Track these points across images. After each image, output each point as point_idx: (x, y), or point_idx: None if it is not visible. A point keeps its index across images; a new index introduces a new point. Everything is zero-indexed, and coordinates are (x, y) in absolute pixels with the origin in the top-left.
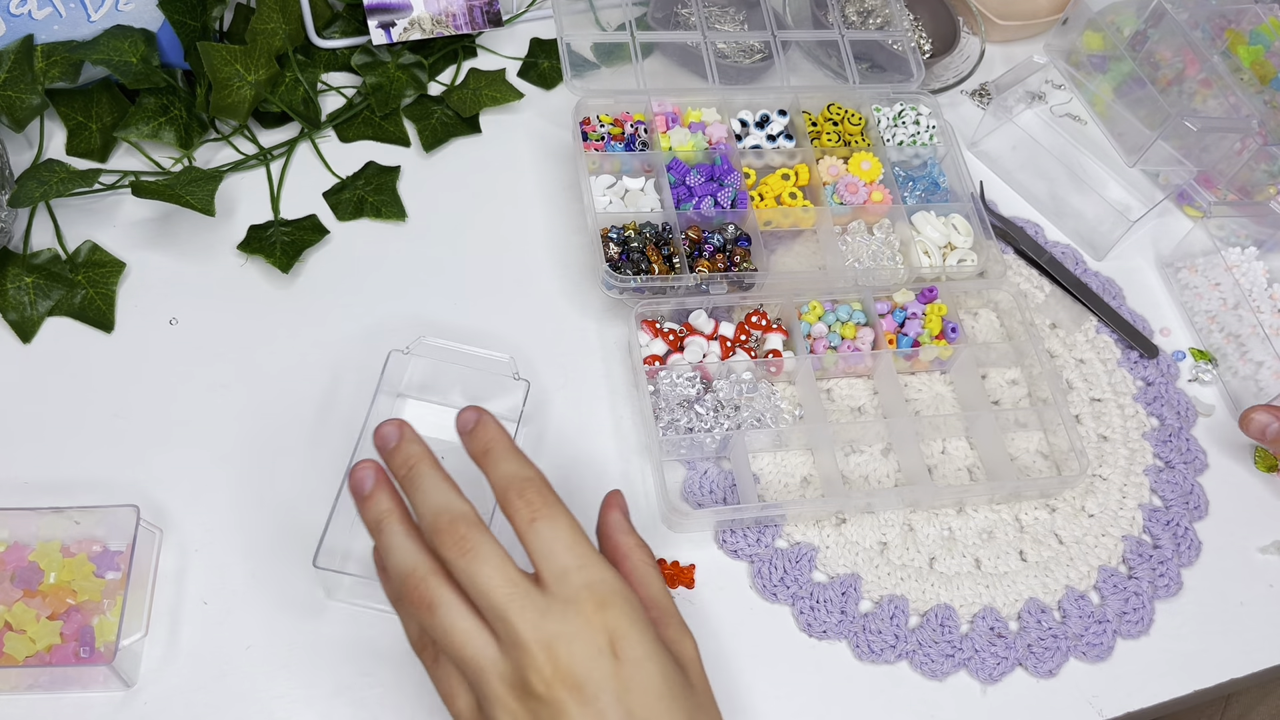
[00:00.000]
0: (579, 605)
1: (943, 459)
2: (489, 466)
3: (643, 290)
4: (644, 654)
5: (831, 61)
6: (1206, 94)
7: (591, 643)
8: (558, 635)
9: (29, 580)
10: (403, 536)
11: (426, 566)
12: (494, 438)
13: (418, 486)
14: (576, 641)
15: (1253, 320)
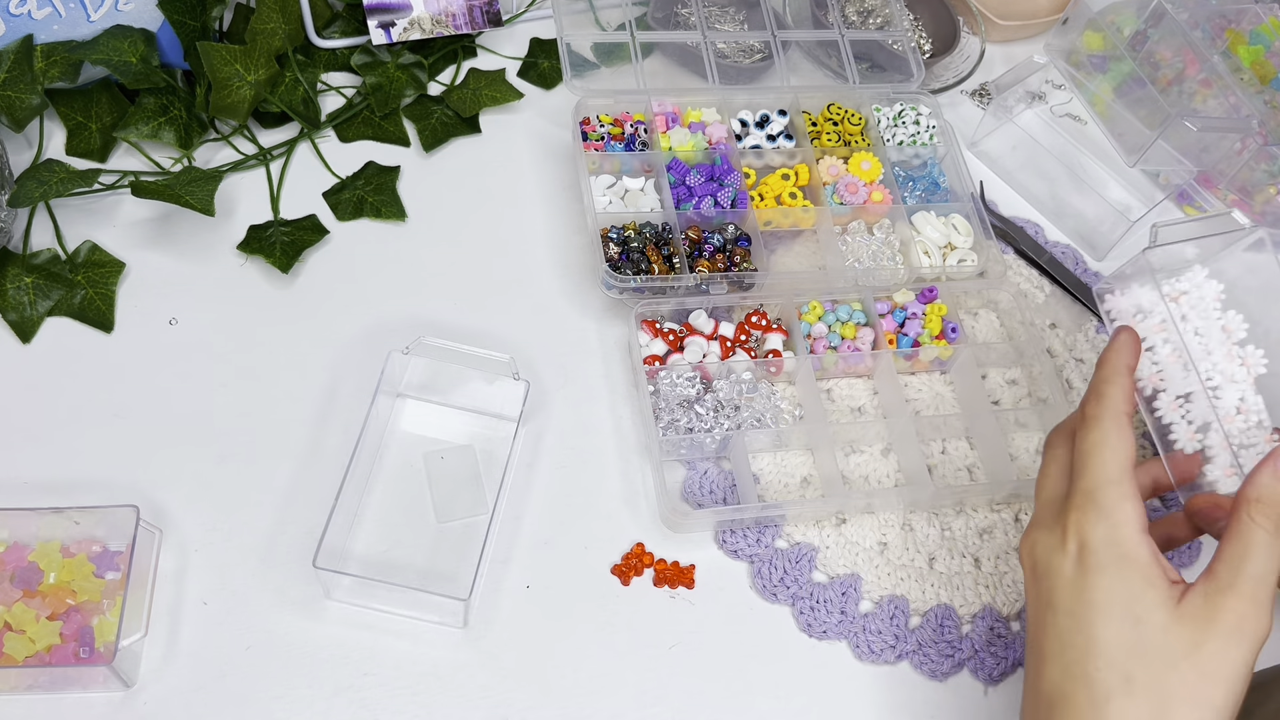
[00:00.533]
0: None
1: (943, 459)
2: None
3: (643, 290)
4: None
5: (831, 61)
6: (1206, 94)
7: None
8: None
9: (29, 580)
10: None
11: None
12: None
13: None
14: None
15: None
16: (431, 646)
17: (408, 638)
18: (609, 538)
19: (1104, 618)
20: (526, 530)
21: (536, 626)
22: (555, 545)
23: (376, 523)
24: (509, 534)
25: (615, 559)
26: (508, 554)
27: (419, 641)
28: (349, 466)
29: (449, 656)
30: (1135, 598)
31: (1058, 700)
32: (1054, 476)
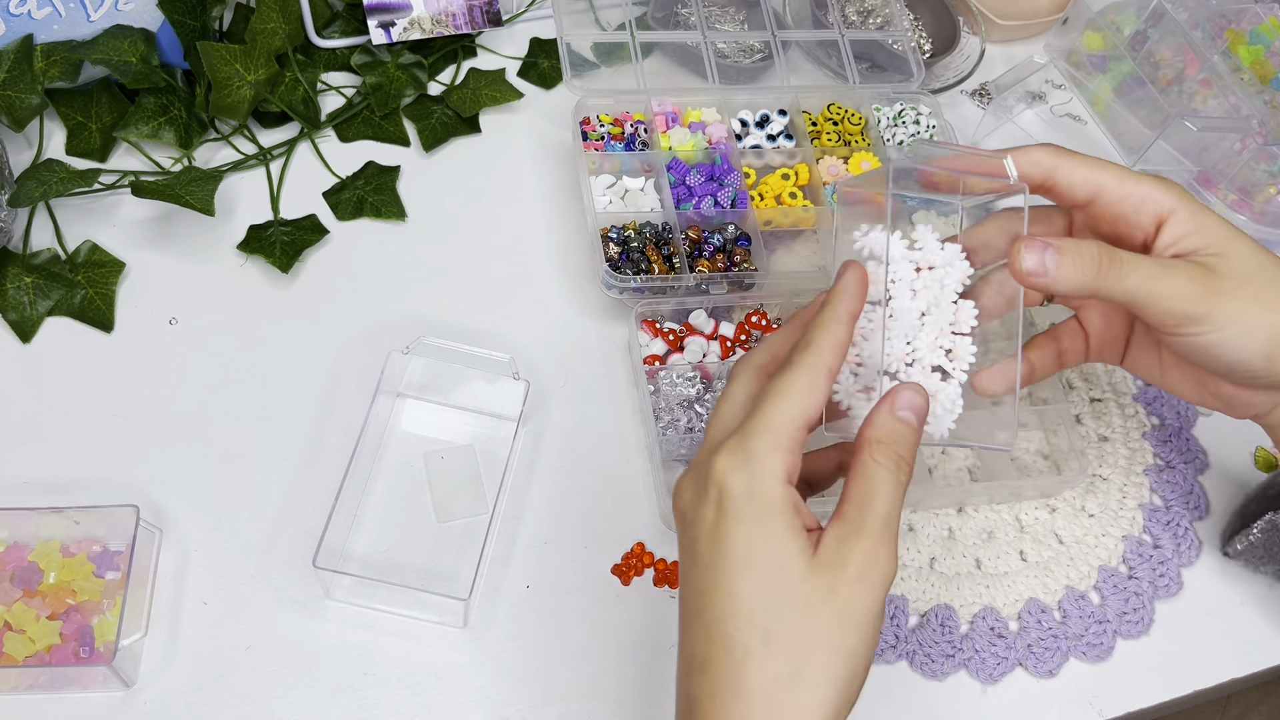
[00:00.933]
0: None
1: (943, 459)
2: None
3: (643, 290)
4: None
5: (831, 61)
6: (1206, 94)
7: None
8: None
9: (29, 580)
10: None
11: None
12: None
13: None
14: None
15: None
16: (431, 646)
17: (408, 638)
18: (609, 538)
19: (743, 571)
20: (526, 530)
21: (536, 626)
22: (555, 545)
23: (376, 523)
24: (509, 534)
25: (615, 559)
26: (508, 554)
27: (419, 641)
28: (349, 466)
29: (449, 656)
30: (774, 548)
31: (698, 667)
32: (726, 414)
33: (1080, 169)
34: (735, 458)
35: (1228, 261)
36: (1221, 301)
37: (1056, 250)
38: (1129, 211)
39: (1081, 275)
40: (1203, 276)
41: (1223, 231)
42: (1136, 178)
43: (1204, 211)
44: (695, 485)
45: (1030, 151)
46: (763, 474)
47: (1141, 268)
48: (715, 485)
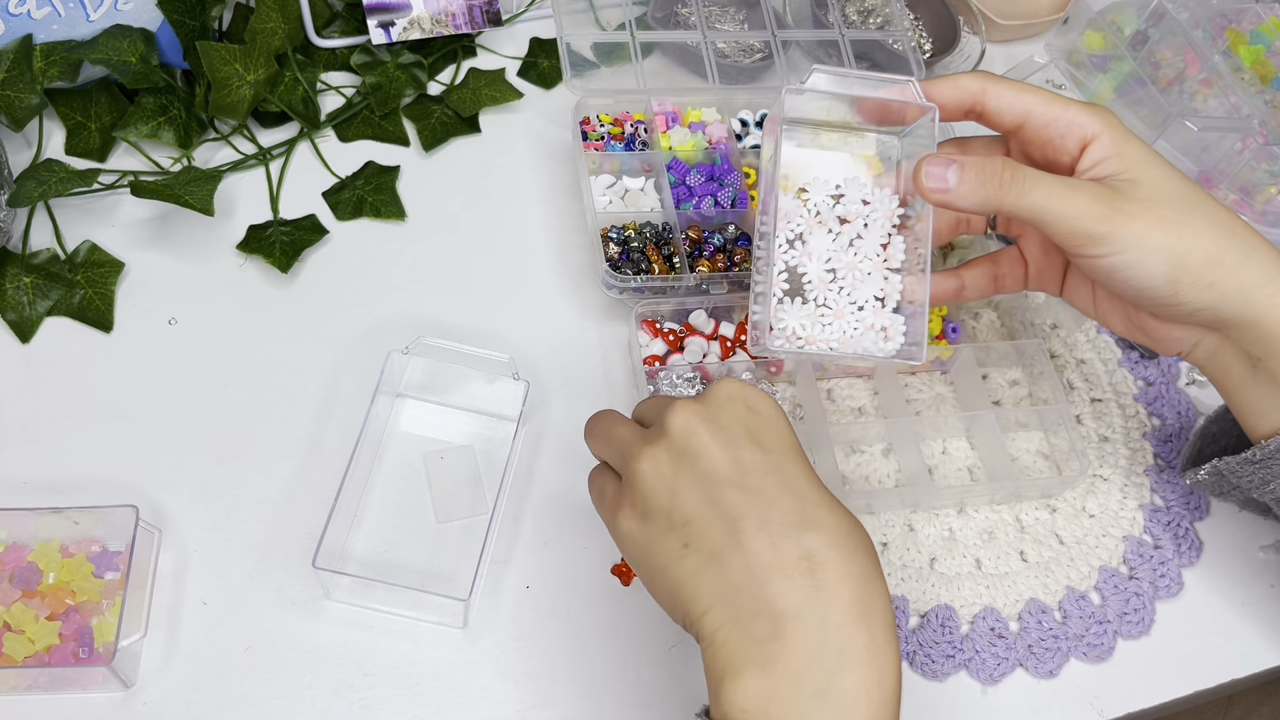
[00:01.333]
0: (713, 387)
1: (943, 459)
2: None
3: (643, 290)
4: (775, 413)
5: (832, 61)
6: (1207, 94)
7: (725, 398)
8: (691, 400)
9: (28, 580)
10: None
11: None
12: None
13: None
14: (710, 397)
15: None
16: (431, 646)
17: (408, 638)
18: (609, 538)
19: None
20: (526, 530)
21: (536, 626)
22: (555, 545)
23: (376, 523)
24: (509, 534)
25: (615, 559)
26: (508, 554)
27: (419, 641)
28: (349, 466)
29: (449, 656)
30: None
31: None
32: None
33: (1008, 93)
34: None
35: (1138, 185)
36: (1124, 222)
37: (960, 166)
38: (1055, 136)
39: (984, 190)
40: (1108, 197)
41: (1141, 156)
42: (1064, 102)
43: (1128, 138)
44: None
45: (958, 78)
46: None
47: (1044, 184)
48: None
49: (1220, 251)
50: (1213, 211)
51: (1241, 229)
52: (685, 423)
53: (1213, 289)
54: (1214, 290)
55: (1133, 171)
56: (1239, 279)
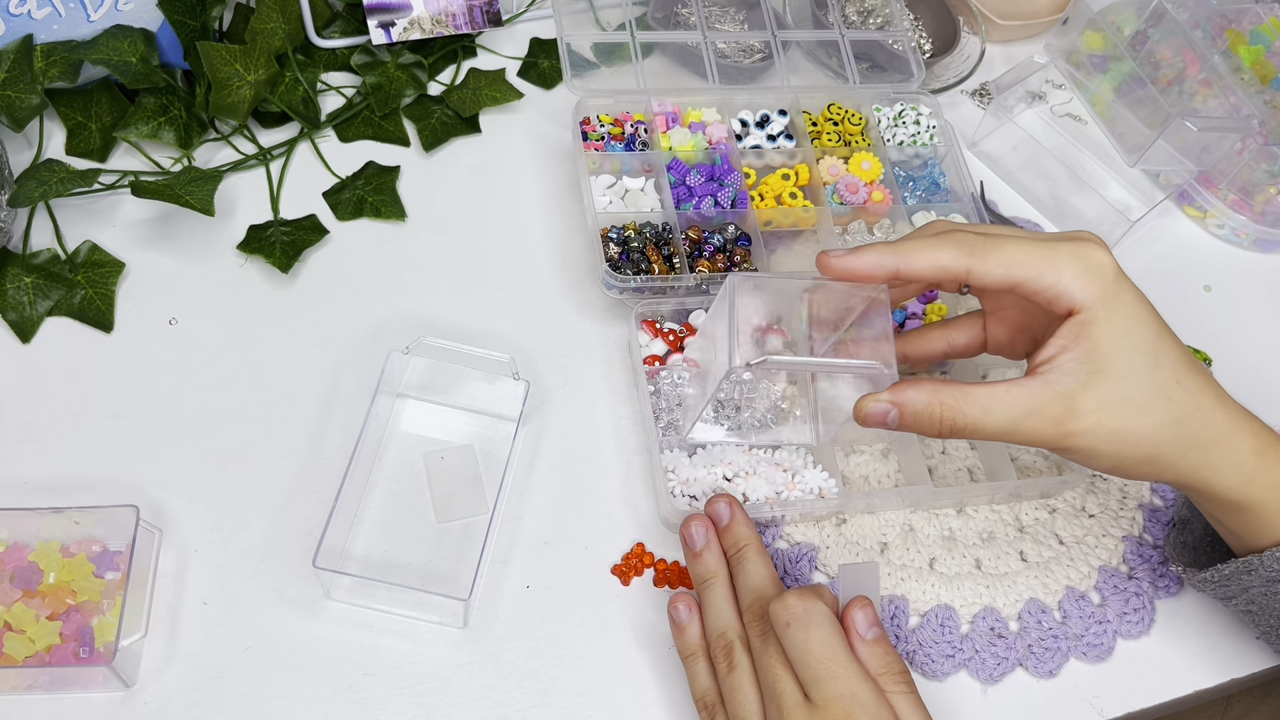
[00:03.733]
0: (827, 713)
1: (943, 459)
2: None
3: (643, 290)
4: None
5: (831, 61)
6: (1207, 94)
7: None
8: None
9: (28, 580)
10: (725, 599)
11: (738, 631)
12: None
13: (742, 567)
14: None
15: None
16: (431, 646)
17: (408, 638)
18: (609, 538)
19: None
20: (526, 530)
21: (536, 626)
22: (555, 545)
23: (376, 523)
24: (509, 534)
25: (615, 559)
26: (508, 554)
27: (419, 641)
28: (349, 466)
29: (449, 656)
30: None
31: None
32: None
33: (996, 269)
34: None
35: (1095, 383)
36: (1071, 436)
37: (898, 411)
38: (1044, 302)
39: (927, 428)
40: (1056, 416)
41: (1114, 344)
42: (1056, 268)
43: (1112, 314)
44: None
45: (938, 253)
46: None
47: (990, 418)
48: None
49: (1160, 450)
50: (1163, 406)
51: (1192, 419)
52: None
53: (1153, 470)
54: (1154, 470)
55: (1099, 362)
56: (1175, 470)
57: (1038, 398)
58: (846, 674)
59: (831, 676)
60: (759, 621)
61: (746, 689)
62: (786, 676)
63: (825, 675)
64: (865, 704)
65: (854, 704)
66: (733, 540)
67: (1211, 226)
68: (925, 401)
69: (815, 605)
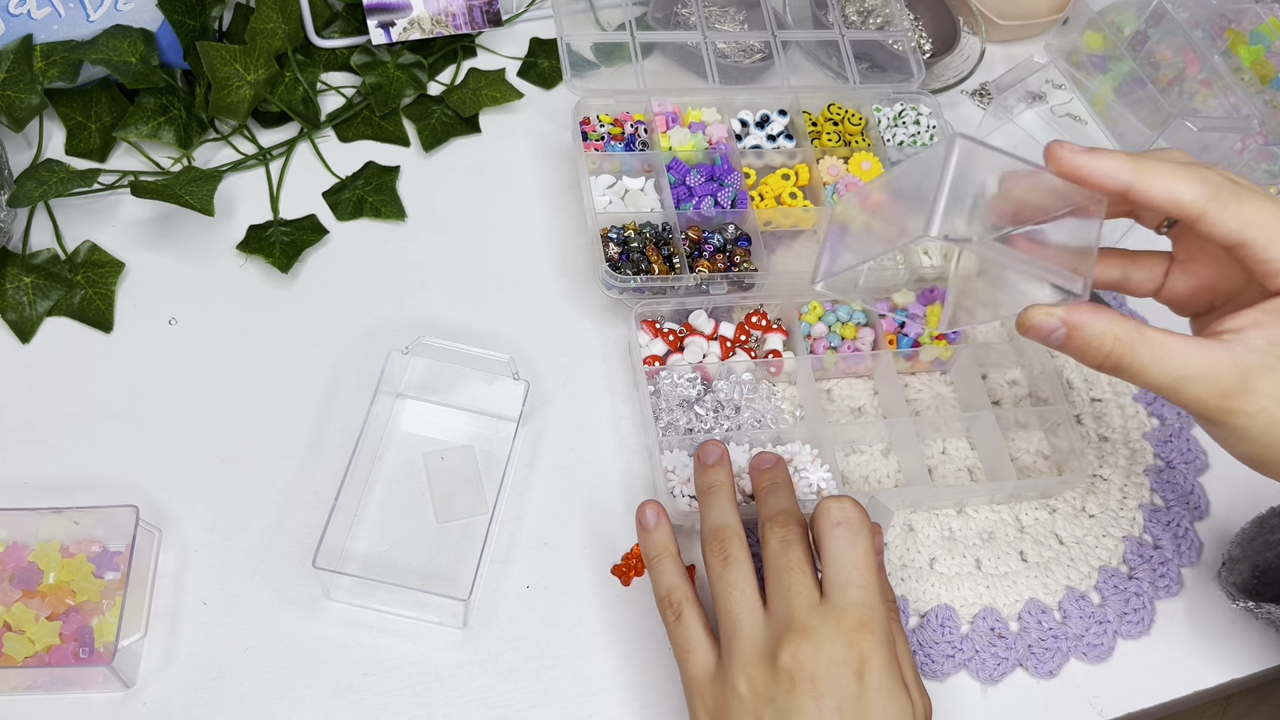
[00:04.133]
0: (844, 616)
1: (943, 459)
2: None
3: (643, 290)
4: (882, 686)
5: (831, 61)
6: (1207, 94)
7: (844, 653)
8: (819, 632)
9: (28, 580)
10: (727, 502)
11: (737, 530)
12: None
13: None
14: (831, 644)
15: None
16: (431, 646)
17: (408, 638)
18: (609, 538)
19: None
20: (526, 530)
21: (536, 626)
22: (555, 545)
23: (376, 523)
24: (509, 534)
25: (615, 559)
26: (508, 554)
27: (419, 641)
28: (349, 466)
29: (449, 656)
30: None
31: None
32: (810, 580)
33: (1231, 222)
34: (877, 631)
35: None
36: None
37: (1069, 329)
38: (1261, 275)
39: (1087, 358)
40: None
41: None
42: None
43: None
44: (833, 651)
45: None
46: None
47: (1161, 367)
48: (858, 654)
49: None
50: None
51: None
52: (792, 665)
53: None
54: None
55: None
56: None
57: (1215, 364)
58: (874, 589)
59: (862, 585)
60: (782, 529)
61: (743, 585)
62: (805, 578)
63: (857, 582)
64: (881, 620)
65: (873, 616)
66: (764, 479)
67: None
68: (1099, 331)
69: (867, 519)
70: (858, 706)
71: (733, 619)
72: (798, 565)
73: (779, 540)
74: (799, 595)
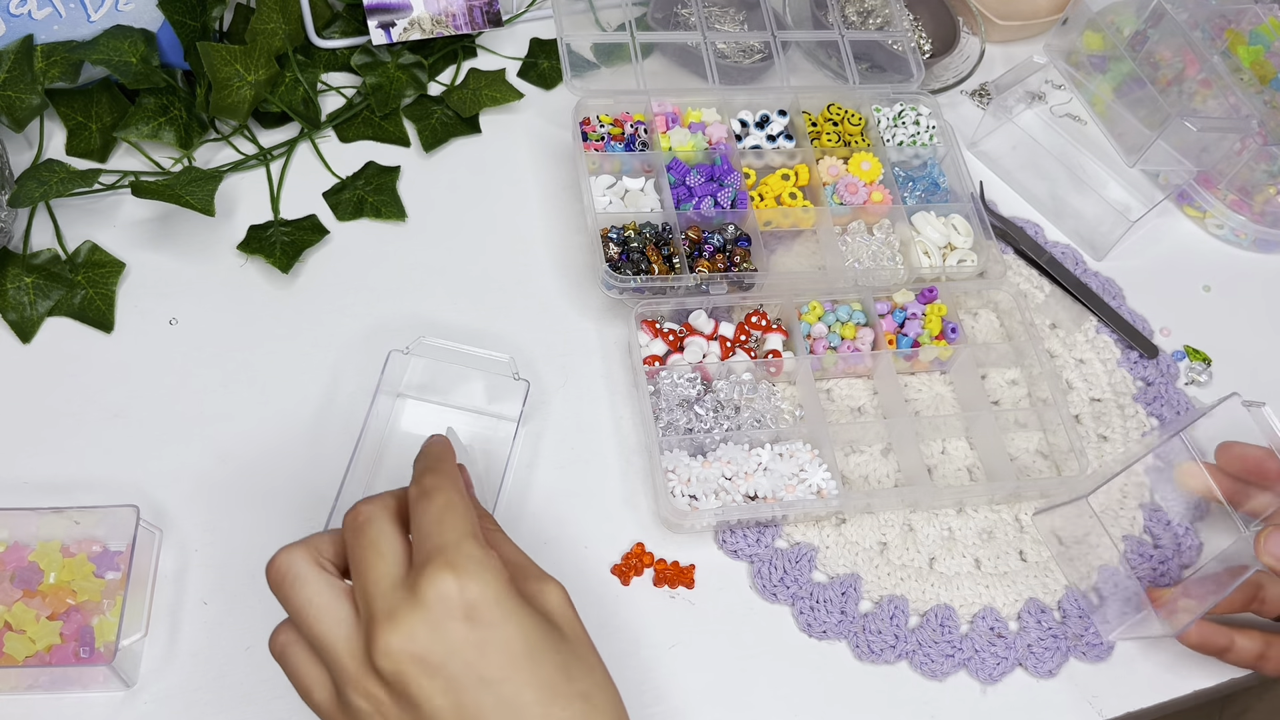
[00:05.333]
0: (427, 570)
1: (943, 459)
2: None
3: (643, 290)
4: (500, 616)
5: (831, 62)
6: (1206, 94)
7: (438, 609)
8: (404, 604)
9: (29, 580)
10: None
11: (302, 549)
12: (425, 449)
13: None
14: (422, 611)
15: None
16: None
17: None
18: (609, 538)
19: (527, 665)
20: (526, 530)
21: None
22: (555, 545)
23: None
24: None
25: (615, 559)
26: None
27: None
28: (349, 467)
29: None
30: (538, 634)
31: None
32: (389, 559)
33: None
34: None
35: None
36: None
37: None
38: None
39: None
40: None
41: None
42: None
43: None
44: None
45: None
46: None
47: None
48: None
49: None
50: None
51: None
52: (391, 663)
53: None
54: None
55: None
56: None
57: None
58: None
59: (437, 532)
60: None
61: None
62: (381, 558)
63: (431, 532)
64: (468, 552)
65: (456, 554)
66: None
67: (1211, 227)
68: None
69: (444, 473)
70: (487, 651)
71: (318, 641)
72: (370, 547)
73: (350, 531)
74: (376, 581)
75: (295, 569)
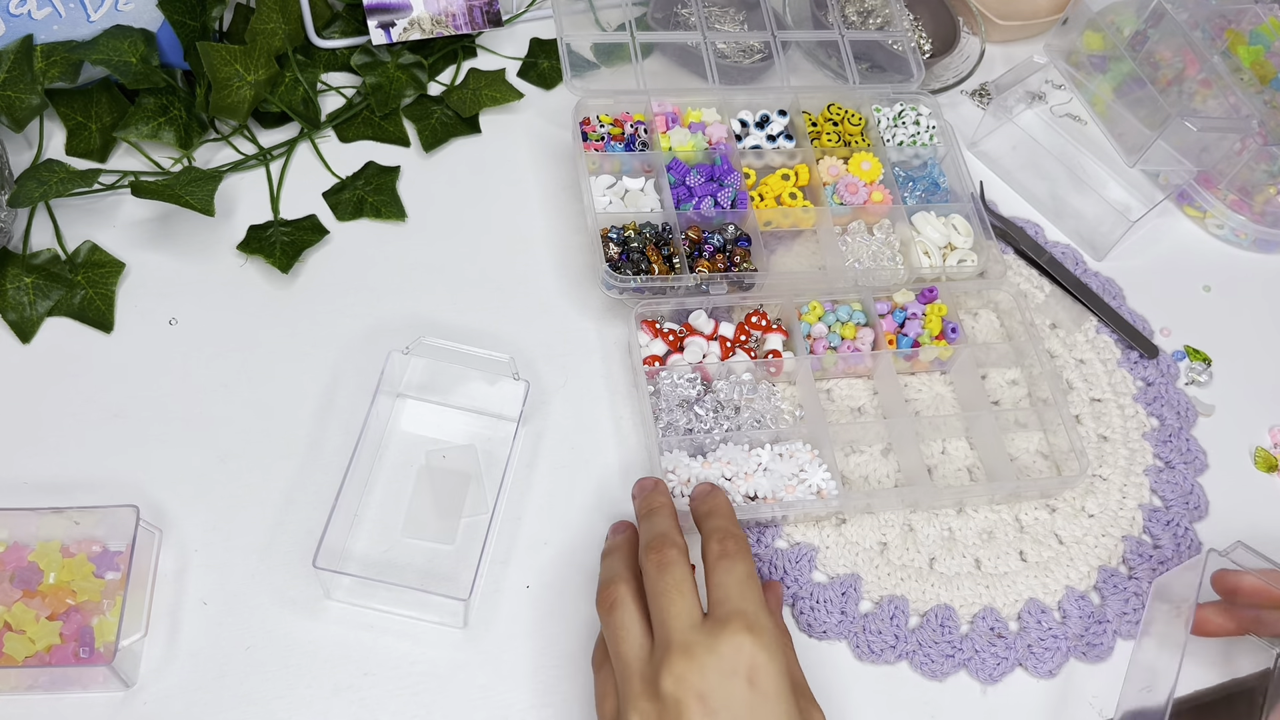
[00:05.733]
0: (727, 625)
1: (943, 459)
2: (704, 522)
3: (643, 290)
4: (775, 691)
5: (831, 61)
6: (1206, 94)
7: (731, 661)
8: (702, 646)
9: (28, 580)
10: (618, 560)
11: (622, 576)
12: (717, 505)
13: (651, 520)
14: (717, 656)
15: None
16: (431, 646)
17: (408, 638)
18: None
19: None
20: (526, 530)
21: (536, 626)
22: (555, 545)
23: (376, 523)
24: (509, 534)
25: None
26: (508, 554)
27: (419, 641)
28: (349, 466)
29: (449, 656)
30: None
31: None
32: (689, 599)
33: None
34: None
35: None
36: None
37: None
38: None
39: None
40: None
41: None
42: None
43: None
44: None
45: None
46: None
47: None
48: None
49: None
50: None
51: None
52: (676, 689)
53: None
54: None
55: None
56: None
57: None
58: (756, 599)
59: (744, 595)
60: (657, 554)
61: (629, 623)
62: (684, 598)
63: (738, 594)
64: (768, 627)
65: (758, 620)
66: (645, 502)
67: (1211, 227)
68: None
69: (745, 545)
70: (756, 715)
71: (619, 658)
72: (675, 587)
73: (655, 565)
74: (678, 616)
75: (623, 599)
